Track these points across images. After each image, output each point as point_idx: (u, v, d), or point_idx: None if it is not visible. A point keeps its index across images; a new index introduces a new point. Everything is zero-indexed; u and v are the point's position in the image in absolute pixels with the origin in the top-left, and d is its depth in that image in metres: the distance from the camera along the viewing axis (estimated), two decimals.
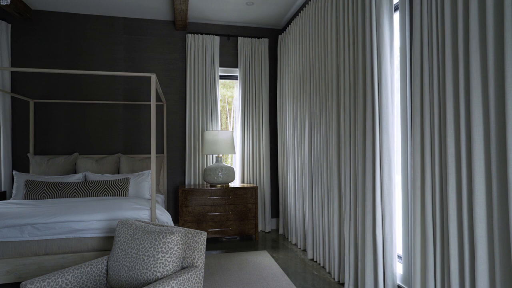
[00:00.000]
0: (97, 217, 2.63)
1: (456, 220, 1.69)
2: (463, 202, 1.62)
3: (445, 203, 1.75)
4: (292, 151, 4.00)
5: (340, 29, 2.75)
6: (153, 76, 2.68)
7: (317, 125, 3.25)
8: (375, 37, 2.34)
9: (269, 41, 4.84)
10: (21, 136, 4.08)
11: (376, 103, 2.32)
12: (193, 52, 4.45)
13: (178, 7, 3.83)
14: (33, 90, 4.12)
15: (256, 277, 2.92)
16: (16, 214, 2.57)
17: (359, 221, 2.47)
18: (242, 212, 4.08)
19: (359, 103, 2.49)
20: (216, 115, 4.50)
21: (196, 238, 1.86)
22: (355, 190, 2.59)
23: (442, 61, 1.76)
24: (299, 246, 3.78)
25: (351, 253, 2.58)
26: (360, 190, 2.48)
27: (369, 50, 2.37)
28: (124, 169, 4.03)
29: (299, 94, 3.74)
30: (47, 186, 3.42)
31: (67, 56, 4.22)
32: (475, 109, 1.55)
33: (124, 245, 1.84)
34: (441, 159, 1.81)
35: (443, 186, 1.79)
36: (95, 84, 4.29)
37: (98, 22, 4.31)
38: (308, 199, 3.45)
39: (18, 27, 4.09)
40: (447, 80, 1.71)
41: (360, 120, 2.49)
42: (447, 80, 1.71)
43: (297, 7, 4.08)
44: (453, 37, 1.70)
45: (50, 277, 1.67)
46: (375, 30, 2.34)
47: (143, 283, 1.69)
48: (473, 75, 1.55)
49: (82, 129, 4.24)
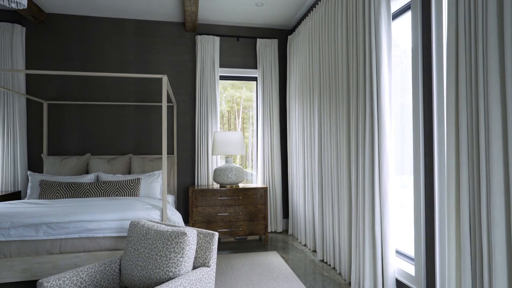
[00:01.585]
0: (109, 217, 2.67)
1: (504, 228, 1.50)
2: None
3: (489, 208, 1.54)
4: (301, 152, 3.99)
5: (350, 29, 2.73)
6: (164, 78, 2.71)
7: (327, 125, 3.24)
8: (374, 39, 2.42)
9: (279, 41, 4.84)
10: (35, 137, 4.17)
11: (375, 104, 2.45)
12: (203, 53, 4.48)
13: (188, 9, 3.86)
14: (47, 92, 4.20)
15: (266, 278, 2.93)
16: (32, 213, 2.62)
17: (366, 222, 2.46)
18: (251, 212, 4.09)
19: (360, 104, 2.50)
20: (216, 115, 4.52)
21: (207, 238, 1.88)
22: (363, 190, 2.57)
23: (484, 56, 1.59)
24: (309, 247, 3.77)
25: (361, 253, 2.56)
26: (369, 190, 2.47)
27: (371, 51, 2.37)
28: (135, 169, 4.08)
29: (309, 94, 3.74)
30: (61, 186, 3.48)
31: (80, 58, 4.29)
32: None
33: (137, 244, 1.87)
34: (479, 160, 1.63)
35: (488, 190, 1.57)
36: (107, 86, 4.35)
37: (110, 24, 4.37)
38: (318, 199, 3.44)
39: (33, 30, 4.18)
40: (489, 76, 1.55)
41: (362, 121, 2.57)
42: (489, 76, 1.55)
43: (306, 7, 4.08)
44: (488, 33, 1.56)
45: (66, 276, 1.70)
46: (374, 34, 2.38)
47: (155, 283, 1.71)
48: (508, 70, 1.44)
49: (94, 130, 4.30)
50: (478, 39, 1.60)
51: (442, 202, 2.01)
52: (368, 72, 2.52)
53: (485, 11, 1.57)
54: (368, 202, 2.50)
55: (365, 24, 2.57)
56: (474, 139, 1.64)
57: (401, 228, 2.66)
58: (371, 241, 2.49)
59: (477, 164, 1.63)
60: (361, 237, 2.57)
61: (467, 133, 1.68)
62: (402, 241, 2.63)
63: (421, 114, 2.18)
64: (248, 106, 5.03)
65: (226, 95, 4.99)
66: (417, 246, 2.21)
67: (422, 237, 2.18)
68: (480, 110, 1.58)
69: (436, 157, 2.05)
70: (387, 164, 2.41)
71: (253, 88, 5.00)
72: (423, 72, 2.17)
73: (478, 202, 1.62)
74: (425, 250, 2.17)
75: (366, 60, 2.54)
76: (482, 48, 1.59)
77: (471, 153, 1.66)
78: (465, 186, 1.67)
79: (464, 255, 1.66)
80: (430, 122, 2.10)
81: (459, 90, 1.71)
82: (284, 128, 4.86)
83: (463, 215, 1.67)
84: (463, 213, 1.67)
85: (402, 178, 2.67)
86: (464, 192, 1.67)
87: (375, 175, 2.44)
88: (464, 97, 1.68)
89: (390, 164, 2.42)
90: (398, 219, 2.71)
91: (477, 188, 1.63)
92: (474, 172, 1.64)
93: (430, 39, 2.09)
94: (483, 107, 1.57)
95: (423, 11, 2.17)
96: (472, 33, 1.64)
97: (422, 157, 2.17)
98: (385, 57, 2.43)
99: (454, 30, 1.74)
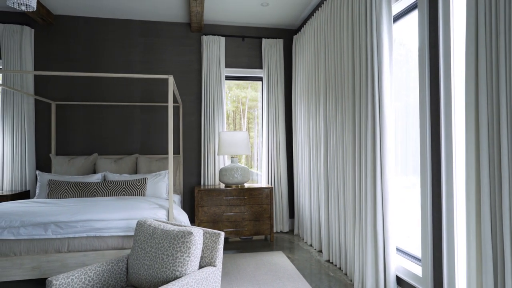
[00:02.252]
0: (116, 216, 2.70)
1: None
2: None
3: None
4: (307, 151, 3.99)
5: (356, 28, 2.73)
6: (170, 78, 2.73)
7: (333, 125, 3.23)
8: (376, 40, 2.45)
9: (284, 41, 4.84)
10: (44, 137, 4.22)
11: (377, 105, 2.48)
12: (208, 54, 4.49)
13: (194, 9, 3.88)
14: (55, 93, 4.25)
15: (272, 278, 2.93)
16: (40, 213, 2.66)
17: (369, 220, 2.45)
18: (257, 212, 4.10)
19: (363, 103, 2.50)
20: (222, 115, 4.53)
21: (213, 238, 1.89)
22: (365, 189, 2.57)
23: (507, 51, 1.52)
24: (314, 247, 3.77)
25: (363, 251, 2.56)
26: (371, 189, 2.46)
27: (373, 51, 2.36)
28: (141, 169, 4.11)
29: (314, 94, 3.73)
30: (69, 185, 3.52)
31: (86, 59, 4.33)
32: None
33: (144, 244, 1.88)
34: (500, 160, 1.57)
35: (511, 190, 1.50)
36: (113, 86, 4.39)
37: (116, 25, 4.41)
38: (323, 199, 3.44)
39: (41, 32, 4.23)
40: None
41: (364, 120, 2.61)
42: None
43: (312, 7, 4.07)
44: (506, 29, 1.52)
45: (74, 274, 1.73)
46: (375, 35, 2.38)
47: (162, 282, 1.73)
48: None
49: (101, 130, 4.34)
50: (499, 33, 1.52)
51: (450, 202, 1.99)
52: (370, 72, 2.55)
53: (507, 3, 1.50)
54: (370, 201, 2.53)
55: (366, 25, 2.59)
56: (495, 138, 1.57)
57: (406, 228, 2.65)
58: (373, 239, 2.52)
59: (498, 164, 1.56)
60: (363, 235, 2.60)
61: (488, 131, 1.61)
62: (406, 241, 2.62)
63: (428, 113, 2.17)
64: (253, 106, 5.04)
65: (232, 95, 5.01)
66: (424, 246, 2.20)
67: (429, 238, 2.17)
68: (501, 107, 1.51)
69: (443, 156, 2.04)
70: (389, 163, 2.46)
71: (258, 88, 5.00)
72: (430, 71, 2.15)
73: (499, 204, 1.55)
74: (432, 251, 2.16)
75: (368, 60, 2.57)
76: (504, 42, 1.51)
77: (492, 152, 1.59)
78: (486, 188, 1.60)
79: (486, 260, 1.59)
80: (437, 121, 2.09)
81: (479, 87, 1.64)
82: (289, 128, 4.86)
83: (484, 218, 1.60)
84: (484, 216, 1.60)
85: (407, 178, 2.65)
86: (485, 194, 1.60)
87: (377, 175, 2.48)
88: (484, 94, 1.61)
89: (391, 163, 2.47)
90: (400, 218, 2.70)
91: (498, 189, 1.56)
92: (495, 173, 1.57)
93: (437, 38, 2.08)
94: (505, 104, 1.50)
95: (430, 10, 2.15)
96: (493, 27, 1.56)
97: (429, 156, 2.16)
98: (386, 58, 2.47)
99: (474, 25, 1.67)
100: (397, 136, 2.76)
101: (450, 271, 1.99)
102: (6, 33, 4.01)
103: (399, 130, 2.74)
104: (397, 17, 2.68)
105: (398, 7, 2.59)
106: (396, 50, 2.78)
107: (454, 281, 1.96)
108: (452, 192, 1.98)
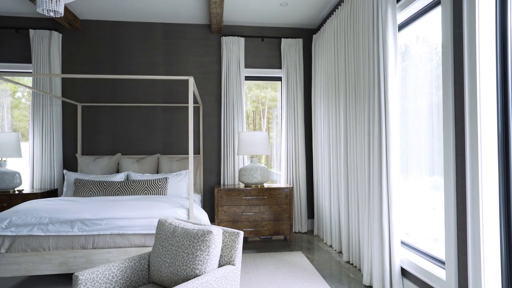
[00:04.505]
0: (139, 215, 2.77)
1: None
2: None
3: None
4: (327, 152, 3.95)
5: (376, 27, 2.68)
6: (190, 79, 2.77)
7: (352, 125, 3.19)
8: (382, 46, 2.53)
9: (303, 41, 4.81)
10: (70, 137, 4.39)
11: (383, 108, 2.60)
12: (228, 54, 4.53)
13: (213, 11, 3.92)
14: (81, 95, 4.42)
15: (291, 278, 2.93)
16: (67, 210, 2.77)
17: (376, 218, 2.41)
18: (277, 212, 4.10)
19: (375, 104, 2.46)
20: (242, 115, 4.55)
21: (233, 237, 1.91)
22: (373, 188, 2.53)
23: None
24: (334, 248, 3.73)
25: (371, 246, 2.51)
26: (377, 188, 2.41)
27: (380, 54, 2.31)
28: (163, 169, 4.20)
29: (334, 93, 3.69)
30: (93, 184, 3.65)
31: (111, 62, 4.47)
32: None
33: (165, 242, 1.93)
34: None
35: None
36: (136, 88, 4.51)
37: (139, 28, 4.52)
38: (343, 200, 3.40)
39: (68, 37, 4.40)
40: None
41: (372, 121, 2.71)
42: None
43: (332, 5, 4.03)
44: None
45: (99, 270, 1.79)
46: (382, 40, 2.32)
47: (182, 279, 1.76)
48: None
49: (124, 131, 4.47)
50: None
51: (476, 205, 1.92)
52: (376, 73, 2.64)
53: None
54: (377, 198, 2.68)
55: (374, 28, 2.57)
56: None
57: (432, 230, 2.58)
58: (379, 233, 2.68)
59: None
60: (372, 230, 2.74)
61: None
62: (433, 245, 2.55)
63: (452, 112, 2.10)
64: (273, 106, 5.04)
65: (251, 95, 5.03)
66: (448, 249, 2.13)
67: (453, 241, 2.10)
68: None
69: (468, 157, 1.97)
70: (393, 162, 2.61)
71: (278, 88, 5.00)
72: (454, 68, 2.08)
73: None
74: (457, 254, 2.09)
75: (379, 62, 2.66)
76: None
77: None
78: None
79: None
80: (462, 120, 2.02)
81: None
82: (309, 128, 4.82)
83: None
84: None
85: (432, 179, 2.58)
86: None
87: (383, 174, 2.63)
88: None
89: (395, 162, 2.61)
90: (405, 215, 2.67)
91: None
92: None
93: (462, 35, 2.01)
94: None
95: (454, 6, 2.08)
96: None
97: (453, 157, 2.09)
98: (392, 60, 2.58)
99: None
100: (422, 134, 2.68)
101: (475, 275, 1.92)
102: (36, 38, 4.20)
103: (423, 128, 2.66)
104: (421, 13, 2.61)
105: (421, 3, 2.51)
106: (420, 47, 2.71)
107: (480, 286, 1.89)
108: (478, 194, 1.91)
